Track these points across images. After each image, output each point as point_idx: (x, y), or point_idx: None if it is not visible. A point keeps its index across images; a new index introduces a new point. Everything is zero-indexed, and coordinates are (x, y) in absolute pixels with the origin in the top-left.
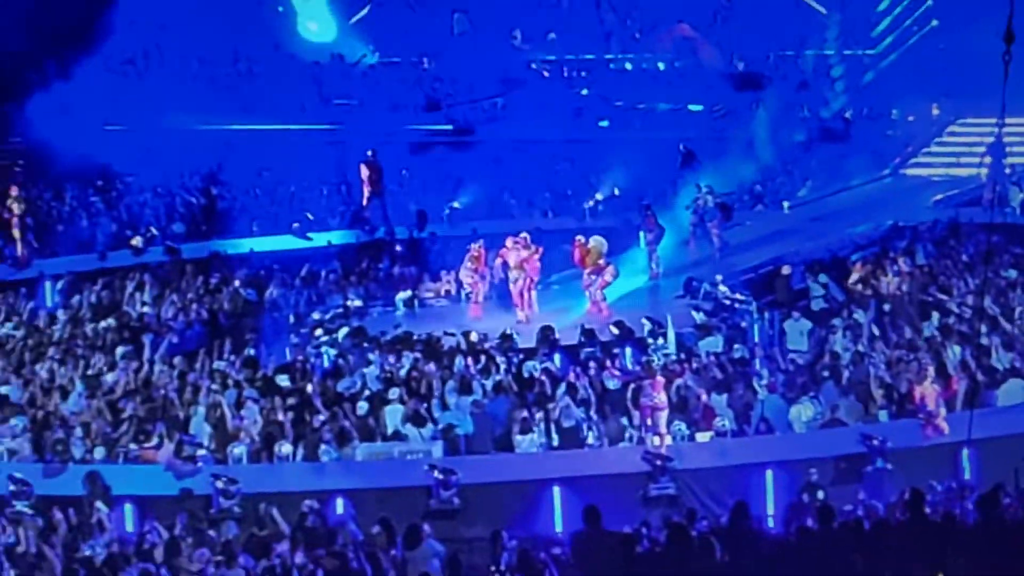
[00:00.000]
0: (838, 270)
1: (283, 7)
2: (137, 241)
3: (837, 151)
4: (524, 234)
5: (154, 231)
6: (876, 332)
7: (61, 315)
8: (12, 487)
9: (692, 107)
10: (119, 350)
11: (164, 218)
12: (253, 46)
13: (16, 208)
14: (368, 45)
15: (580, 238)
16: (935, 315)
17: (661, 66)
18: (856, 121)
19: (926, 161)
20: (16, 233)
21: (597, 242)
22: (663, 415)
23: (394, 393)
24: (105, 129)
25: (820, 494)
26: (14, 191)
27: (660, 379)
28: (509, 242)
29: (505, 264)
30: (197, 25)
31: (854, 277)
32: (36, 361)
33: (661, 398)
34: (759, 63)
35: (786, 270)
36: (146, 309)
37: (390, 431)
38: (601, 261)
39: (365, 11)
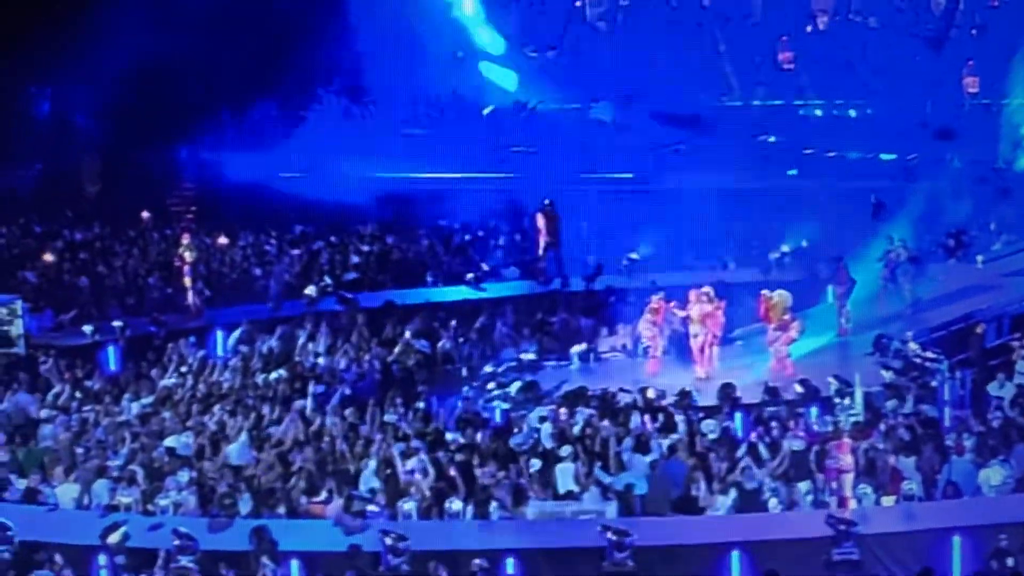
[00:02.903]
0: None
1: (463, 52)
2: (311, 290)
3: None
4: (707, 288)
5: (328, 281)
6: None
7: (232, 365)
8: (177, 542)
9: (884, 156)
10: (297, 403)
11: (339, 267)
12: (431, 91)
13: (188, 256)
14: (547, 90)
15: (765, 292)
16: None
17: (852, 113)
18: None
19: None
20: (187, 281)
21: (782, 296)
22: (849, 478)
23: (567, 451)
24: (280, 176)
25: (1010, 561)
26: (186, 239)
27: (847, 440)
28: (692, 295)
29: (686, 318)
30: (373, 71)
31: None
32: (204, 412)
33: (847, 460)
34: (954, 111)
35: (980, 328)
36: (319, 360)
37: (562, 490)
38: (787, 316)
39: (552, 54)
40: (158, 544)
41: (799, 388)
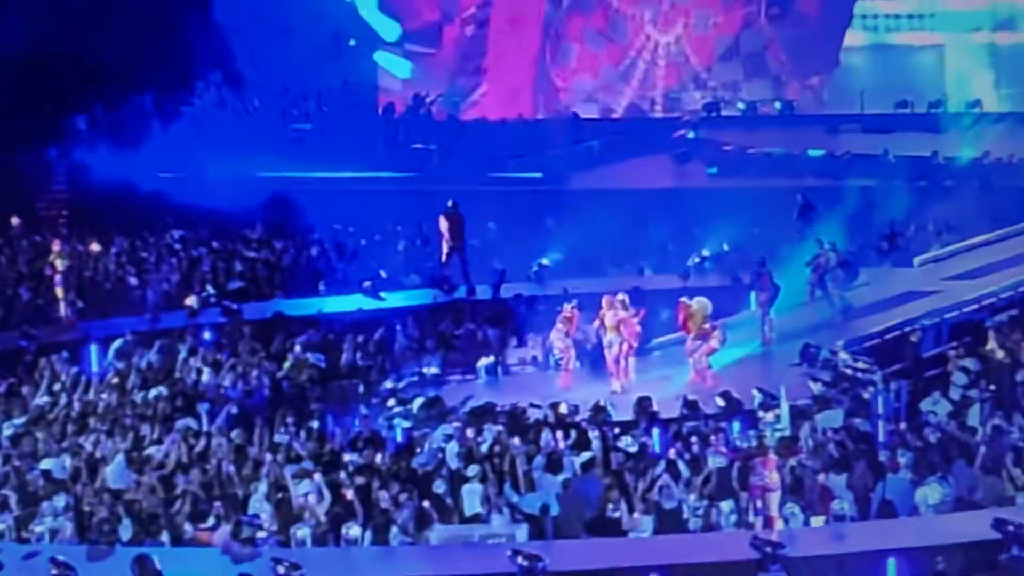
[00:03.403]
0: (972, 335)
1: (356, 40)
2: (192, 301)
3: (973, 202)
4: (622, 295)
5: (211, 290)
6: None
7: (108, 381)
8: (54, 571)
9: (812, 152)
10: (178, 423)
11: (222, 275)
12: (321, 83)
13: (59, 264)
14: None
15: (684, 299)
16: None
17: (777, 106)
18: (994, 168)
19: None
20: (59, 292)
21: (702, 304)
22: (775, 496)
23: (473, 470)
24: (158, 176)
25: None
26: (56, 245)
27: (772, 457)
28: (605, 302)
29: (600, 327)
30: (258, 63)
31: (991, 344)
32: (80, 433)
33: (773, 478)
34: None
35: (915, 337)
36: (203, 377)
37: (468, 513)
38: (707, 325)
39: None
40: (33, 574)
41: (720, 401)
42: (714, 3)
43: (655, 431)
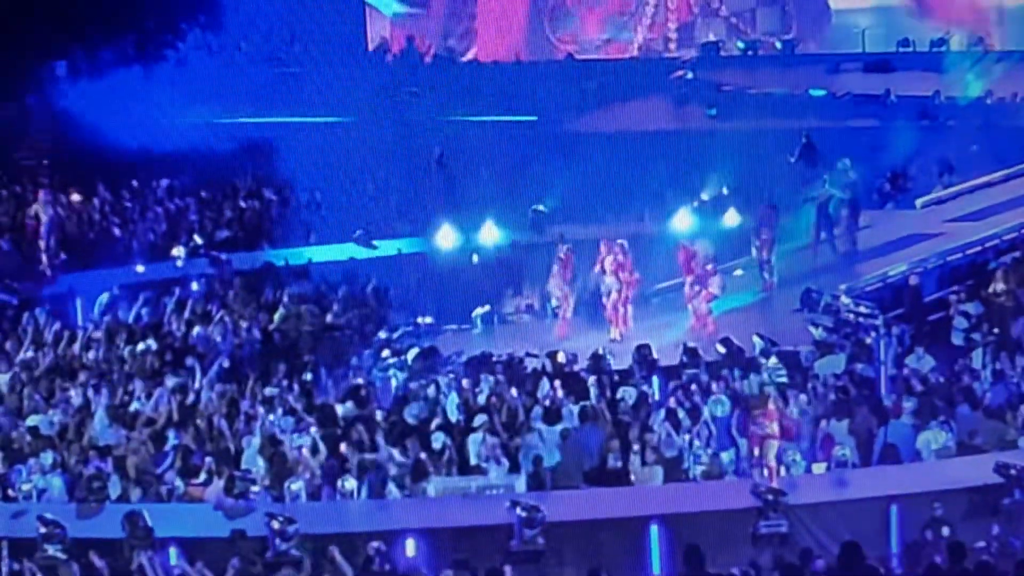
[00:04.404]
0: (976, 277)
1: None
2: (179, 251)
3: (976, 142)
4: (621, 240)
5: (198, 240)
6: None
7: (94, 336)
8: (43, 529)
9: (813, 92)
10: (167, 378)
11: (210, 225)
12: (307, 27)
13: (42, 215)
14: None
15: (684, 241)
16: None
17: (778, 45)
18: (997, 108)
19: None
20: (41, 243)
21: (703, 245)
22: (774, 444)
23: (480, 420)
24: (142, 123)
25: (945, 530)
26: (41, 195)
27: (772, 405)
28: (604, 247)
29: (600, 272)
30: (242, 5)
31: (995, 287)
32: (66, 388)
33: (773, 427)
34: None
35: (913, 280)
36: (192, 329)
37: (473, 462)
38: (708, 267)
39: None
40: (23, 533)
41: (721, 348)
42: None
43: (655, 380)
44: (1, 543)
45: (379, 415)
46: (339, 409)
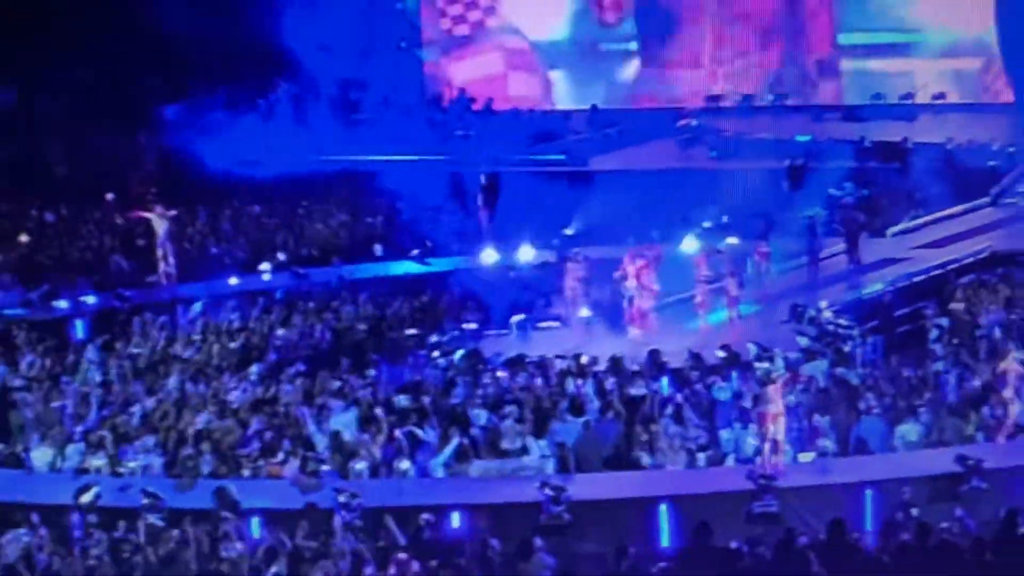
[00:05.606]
0: (938, 296)
1: (405, 42)
2: (265, 266)
3: (938, 181)
4: (648, 250)
5: (281, 256)
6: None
7: (193, 337)
8: (145, 500)
9: (799, 138)
10: (252, 370)
11: (293, 243)
12: (377, 77)
13: (158, 230)
14: None
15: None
16: None
17: (769, 98)
18: (956, 151)
19: None
20: (159, 253)
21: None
22: (782, 422)
23: (510, 409)
24: (236, 158)
25: (914, 511)
26: (159, 210)
27: (778, 386)
28: (627, 258)
29: (622, 276)
30: (326, 61)
31: (954, 305)
32: (167, 380)
33: (779, 406)
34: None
35: (886, 298)
36: (278, 331)
37: (507, 447)
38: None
39: None
40: (128, 503)
41: (721, 353)
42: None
43: (664, 379)
44: None
45: (430, 405)
46: (397, 401)
